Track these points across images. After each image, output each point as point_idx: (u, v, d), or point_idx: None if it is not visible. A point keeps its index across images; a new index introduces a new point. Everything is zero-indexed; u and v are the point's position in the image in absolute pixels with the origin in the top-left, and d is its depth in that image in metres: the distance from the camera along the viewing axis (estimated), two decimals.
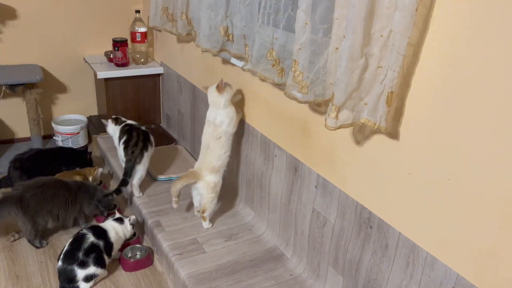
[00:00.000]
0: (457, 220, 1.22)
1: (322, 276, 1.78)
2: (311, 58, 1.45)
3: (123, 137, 2.40)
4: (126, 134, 2.39)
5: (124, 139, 2.38)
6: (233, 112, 2.06)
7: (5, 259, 2.07)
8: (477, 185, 1.15)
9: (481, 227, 1.16)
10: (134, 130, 2.41)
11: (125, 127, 2.45)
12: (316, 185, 1.75)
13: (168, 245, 2.01)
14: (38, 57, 3.04)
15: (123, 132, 2.42)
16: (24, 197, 2.03)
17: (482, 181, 1.14)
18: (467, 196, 1.18)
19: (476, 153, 1.14)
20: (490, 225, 1.14)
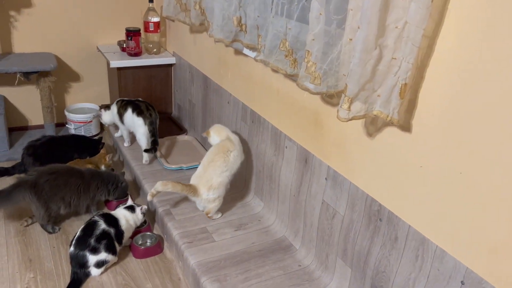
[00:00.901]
0: (467, 213, 1.22)
1: (330, 268, 1.79)
2: (324, 49, 1.45)
3: (127, 109, 2.58)
4: (130, 105, 2.61)
5: (130, 109, 2.57)
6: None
7: (19, 243, 2.11)
8: (488, 179, 1.15)
9: (492, 221, 1.15)
10: (132, 101, 2.62)
11: (121, 103, 2.64)
12: (326, 177, 1.75)
13: (178, 233, 2.03)
14: (52, 45, 3.07)
15: (124, 106, 2.61)
16: (38, 183, 2.06)
17: (494, 175, 1.13)
18: (479, 189, 1.18)
19: (488, 147, 1.14)
20: (501, 219, 1.13)
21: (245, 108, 2.28)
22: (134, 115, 2.56)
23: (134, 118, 2.56)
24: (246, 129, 2.31)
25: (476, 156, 1.17)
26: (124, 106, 2.64)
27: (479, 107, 1.15)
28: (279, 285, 1.77)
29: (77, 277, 1.88)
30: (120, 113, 2.66)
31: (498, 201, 1.13)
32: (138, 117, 2.54)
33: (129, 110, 2.59)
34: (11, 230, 2.19)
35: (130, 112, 2.59)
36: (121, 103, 2.66)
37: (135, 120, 2.55)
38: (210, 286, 1.74)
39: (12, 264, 1.98)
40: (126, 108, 2.61)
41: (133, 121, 2.58)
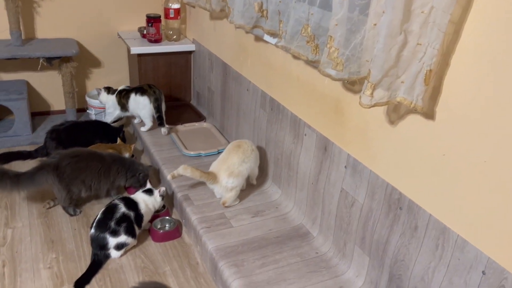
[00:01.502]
0: (491, 203, 1.20)
1: (348, 256, 1.79)
2: (347, 35, 1.43)
3: (129, 96, 2.73)
4: (131, 91, 2.74)
5: (133, 93, 2.72)
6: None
7: (41, 224, 2.16)
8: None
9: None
10: (133, 88, 2.77)
11: (121, 93, 2.78)
12: (346, 165, 1.74)
13: (196, 218, 2.05)
14: (74, 31, 3.10)
15: (125, 95, 2.76)
16: (60, 165, 2.10)
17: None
18: (503, 178, 1.16)
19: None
20: None
21: (264, 96, 2.28)
22: (138, 96, 2.71)
23: (139, 99, 2.70)
24: (264, 116, 2.30)
25: (502, 145, 1.15)
26: (125, 95, 2.76)
27: (506, 95, 1.12)
28: (296, 271, 1.77)
29: (97, 258, 1.92)
30: (122, 103, 2.77)
31: None
32: (142, 96, 2.69)
33: (132, 95, 2.73)
34: (34, 212, 2.24)
35: (133, 96, 2.73)
36: (120, 94, 2.78)
37: (140, 100, 2.70)
38: (227, 270, 1.76)
39: (35, 245, 2.03)
40: (129, 95, 2.75)
41: (137, 102, 2.71)
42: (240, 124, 2.60)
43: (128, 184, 2.32)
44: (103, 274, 1.88)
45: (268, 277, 1.73)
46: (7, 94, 2.78)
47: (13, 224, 2.15)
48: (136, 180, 2.30)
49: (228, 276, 1.74)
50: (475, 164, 1.23)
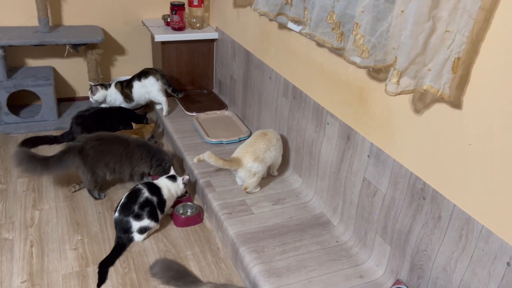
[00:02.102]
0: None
1: (368, 245, 1.78)
2: (373, 22, 1.42)
3: (133, 84, 2.84)
4: (133, 79, 2.84)
5: (136, 80, 2.84)
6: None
7: (67, 207, 2.22)
8: None
9: None
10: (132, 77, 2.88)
11: (122, 84, 2.87)
12: (369, 154, 1.73)
13: (218, 205, 2.08)
14: (99, 18, 3.14)
15: (127, 85, 2.85)
16: (84, 148, 2.15)
17: None
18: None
19: None
20: None
21: (287, 84, 2.27)
22: (143, 80, 2.83)
23: (145, 82, 2.83)
24: (287, 104, 2.30)
25: None
26: (127, 85, 2.84)
27: None
28: (316, 259, 1.78)
29: (121, 241, 1.96)
30: (126, 93, 2.86)
31: None
32: (148, 78, 2.83)
33: (136, 81, 2.84)
34: (60, 195, 2.30)
35: (138, 82, 2.83)
36: (121, 85, 2.85)
37: (146, 82, 2.83)
38: (248, 256, 1.78)
39: (61, 226, 2.08)
40: (131, 84, 2.84)
41: (144, 86, 2.83)
42: (261, 113, 2.60)
43: (153, 173, 2.35)
44: (126, 256, 1.93)
45: (288, 264, 1.75)
46: (35, 80, 2.84)
47: (41, 206, 2.22)
48: (161, 169, 2.33)
49: (249, 261, 1.76)
50: (502, 154, 1.21)
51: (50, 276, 1.80)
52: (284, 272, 1.70)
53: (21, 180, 2.39)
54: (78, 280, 1.79)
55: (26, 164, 2.08)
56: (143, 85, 2.83)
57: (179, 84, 3.20)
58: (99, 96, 2.82)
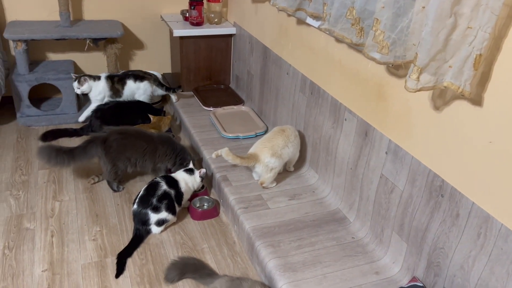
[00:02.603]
0: None
1: (385, 242, 1.78)
2: (393, 18, 1.41)
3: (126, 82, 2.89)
4: (127, 78, 2.90)
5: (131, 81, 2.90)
6: None
7: (86, 199, 2.26)
8: None
9: None
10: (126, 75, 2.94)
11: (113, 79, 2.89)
12: (387, 150, 1.72)
13: (234, 199, 2.09)
14: (119, 13, 3.18)
15: (119, 81, 2.89)
16: (107, 140, 2.19)
17: None
18: None
19: None
20: None
21: (305, 79, 2.27)
22: (138, 82, 2.91)
23: (140, 85, 2.91)
24: (304, 100, 2.30)
25: None
26: (120, 81, 2.89)
27: None
28: (332, 255, 1.79)
29: (139, 233, 2.00)
30: (117, 89, 2.89)
31: None
32: (143, 82, 2.92)
33: (130, 80, 2.90)
34: (80, 187, 2.35)
35: (132, 83, 2.90)
36: (112, 80, 2.87)
37: (141, 85, 2.92)
38: (264, 250, 1.80)
39: (81, 218, 2.13)
40: (124, 82, 2.89)
41: (138, 87, 2.91)
42: (278, 108, 2.61)
43: (175, 170, 2.37)
44: (144, 248, 1.96)
45: (304, 259, 1.76)
46: (56, 73, 2.89)
47: (61, 197, 2.26)
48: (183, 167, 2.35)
49: (265, 255, 1.77)
50: None
51: (70, 265, 1.85)
52: (300, 267, 1.71)
53: (42, 172, 2.45)
54: (97, 270, 1.83)
55: (55, 159, 2.14)
56: (138, 87, 2.91)
57: (196, 79, 3.23)
58: (86, 88, 2.81)
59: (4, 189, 2.28)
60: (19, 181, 2.36)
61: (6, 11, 2.94)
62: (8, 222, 2.06)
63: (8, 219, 2.08)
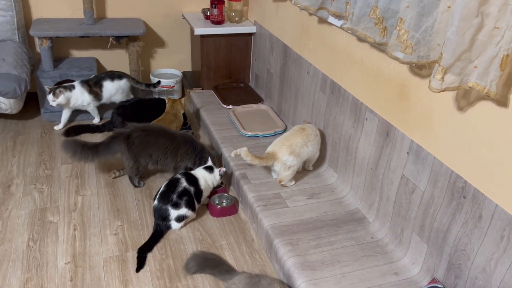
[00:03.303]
0: None
1: (405, 243, 1.77)
2: (418, 17, 1.40)
3: (103, 84, 2.87)
4: (103, 79, 2.87)
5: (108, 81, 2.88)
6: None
7: (108, 194, 2.30)
8: None
9: None
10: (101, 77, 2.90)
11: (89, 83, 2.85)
12: (408, 151, 1.71)
13: (253, 196, 2.11)
14: (141, 11, 3.22)
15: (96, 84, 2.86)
16: (130, 136, 2.23)
17: None
18: None
19: None
20: None
21: (325, 78, 2.27)
22: (116, 80, 2.90)
23: (119, 83, 2.90)
24: (324, 99, 2.30)
25: None
26: (96, 84, 2.86)
27: None
28: (351, 255, 1.78)
29: (159, 228, 2.03)
30: (96, 92, 2.86)
31: None
32: (122, 80, 2.91)
33: (107, 82, 2.87)
34: (102, 182, 2.39)
35: (110, 83, 2.88)
36: (89, 84, 2.84)
37: (121, 83, 2.91)
38: (282, 248, 1.80)
39: (103, 212, 2.17)
40: (101, 84, 2.87)
41: (118, 86, 2.90)
42: (298, 107, 2.61)
43: (195, 168, 2.39)
44: (164, 243, 1.99)
45: (323, 258, 1.76)
46: (79, 70, 2.95)
47: (83, 192, 2.31)
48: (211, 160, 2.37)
49: (283, 253, 1.78)
50: None
51: (92, 259, 1.88)
52: (318, 266, 1.72)
53: (65, 166, 2.50)
54: (118, 264, 1.86)
55: (79, 154, 2.18)
56: (117, 85, 2.90)
57: (216, 77, 3.25)
58: (62, 99, 2.71)
59: (29, 183, 2.34)
60: (43, 175, 2.42)
61: (32, 9, 3.01)
62: (33, 215, 2.12)
63: (32, 212, 2.13)
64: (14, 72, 2.60)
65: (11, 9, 2.81)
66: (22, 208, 2.16)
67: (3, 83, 2.53)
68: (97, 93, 2.87)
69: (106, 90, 2.88)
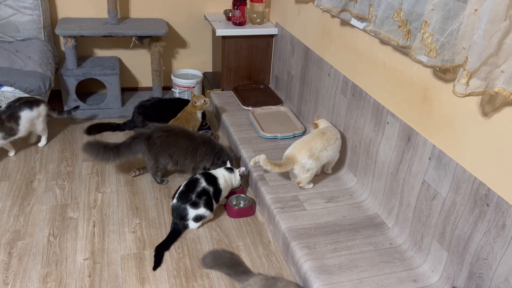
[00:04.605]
0: None
1: (424, 249, 1.74)
2: (443, 21, 1.37)
3: (21, 111, 2.43)
4: (20, 108, 2.43)
5: (26, 106, 2.46)
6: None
7: (127, 192, 2.33)
8: None
9: None
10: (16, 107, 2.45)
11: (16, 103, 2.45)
12: (430, 156, 1.68)
13: (270, 198, 2.10)
14: (164, 12, 3.25)
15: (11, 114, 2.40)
16: (152, 136, 2.25)
17: None
18: None
19: None
20: None
21: (346, 81, 2.25)
22: (35, 108, 2.49)
23: (39, 109, 2.52)
24: (345, 102, 2.28)
25: None
26: (10, 118, 2.40)
27: None
28: (369, 260, 1.76)
29: (177, 227, 2.04)
30: (9, 127, 2.41)
31: None
32: (40, 106, 2.53)
33: (26, 112, 2.45)
34: (121, 180, 2.42)
35: (29, 112, 2.46)
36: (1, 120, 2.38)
37: (40, 109, 2.52)
38: (299, 251, 1.79)
39: (122, 210, 2.19)
40: (18, 116, 2.43)
41: (38, 113, 2.51)
42: (318, 109, 2.59)
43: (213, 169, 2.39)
44: (181, 242, 2.00)
45: (340, 262, 1.74)
46: (102, 69, 2.99)
47: (103, 189, 2.34)
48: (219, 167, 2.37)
49: (300, 256, 1.77)
50: None
51: (110, 255, 1.90)
52: (336, 270, 1.70)
53: (86, 164, 2.53)
54: (135, 262, 1.88)
55: (102, 155, 2.22)
56: (37, 113, 2.51)
57: (237, 78, 3.25)
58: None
59: (51, 179, 2.38)
60: (64, 171, 2.46)
61: (58, 8, 3.07)
62: (54, 210, 2.15)
63: (53, 207, 2.17)
64: (39, 70, 2.66)
65: (38, 8, 2.87)
66: (44, 203, 2.20)
67: (29, 81, 2.59)
68: (11, 128, 2.41)
69: (24, 121, 2.44)
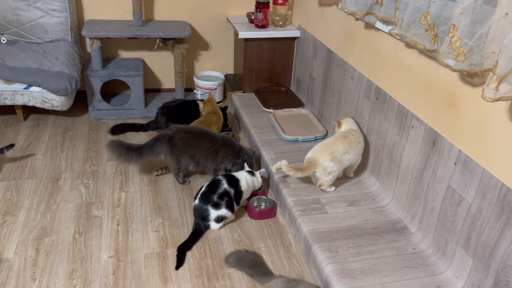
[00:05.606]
0: None
1: (448, 255, 1.72)
2: (472, 25, 1.36)
3: None
4: None
5: None
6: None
7: (150, 191, 2.36)
8: None
9: None
10: None
11: None
12: (456, 161, 1.66)
13: (292, 201, 2.10)
14: (187, 14, 3.29)
15: None
16: (173, 138, 2.28)
17: None
18: None
19: None
20: None
21: (370, 84, 2.24)
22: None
23: None
24: (368, 105, 2.27)
25: None
26: None
27: None
28: (391, 265, 1.75)
29: (198, 228, 2.06)
30: None
31: None
32: None
33: None
34: (145, 179, 2.45)
35: None
36: None
37: None
38: (321, 255, 1.79)
39: (145, 209, 2.22)
40: None
41: None
42: (340, 112, 2.58)
43: (234, 170, 2.40)
44: (203, 242, 2.02)
45: (362, 266, 1.73)
46: (126, 70, 3.04)
47: (127, 188, 2.38)
48: (240, 167, 2.38)
49: (322, 260, 1.77)
50: None
51: (134, 254, 1.93)
52: (358, 274, 1.69)
53: (110, 163, 2.58)
54: (158, 261, 1.90)
55: (124, 156, 2.26)
56: None
57: (258, 81, 3.27)
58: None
59: (76, 178, 2.43)
60: (89, 170, 2.51)
61: (85, 10, 3.13)
62: (79, 208, 2.20)
63: (79, 206, 2.22)
64: (66, 71, 2.72)
65: (66, 11, 2.94)
66: (69, 201, 2.24)
67: (56, 81, 2.65)
68: None
69: None
